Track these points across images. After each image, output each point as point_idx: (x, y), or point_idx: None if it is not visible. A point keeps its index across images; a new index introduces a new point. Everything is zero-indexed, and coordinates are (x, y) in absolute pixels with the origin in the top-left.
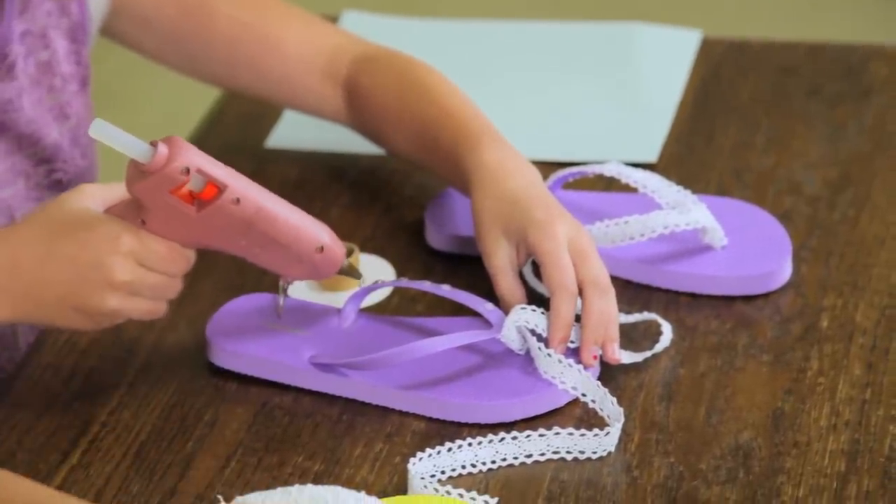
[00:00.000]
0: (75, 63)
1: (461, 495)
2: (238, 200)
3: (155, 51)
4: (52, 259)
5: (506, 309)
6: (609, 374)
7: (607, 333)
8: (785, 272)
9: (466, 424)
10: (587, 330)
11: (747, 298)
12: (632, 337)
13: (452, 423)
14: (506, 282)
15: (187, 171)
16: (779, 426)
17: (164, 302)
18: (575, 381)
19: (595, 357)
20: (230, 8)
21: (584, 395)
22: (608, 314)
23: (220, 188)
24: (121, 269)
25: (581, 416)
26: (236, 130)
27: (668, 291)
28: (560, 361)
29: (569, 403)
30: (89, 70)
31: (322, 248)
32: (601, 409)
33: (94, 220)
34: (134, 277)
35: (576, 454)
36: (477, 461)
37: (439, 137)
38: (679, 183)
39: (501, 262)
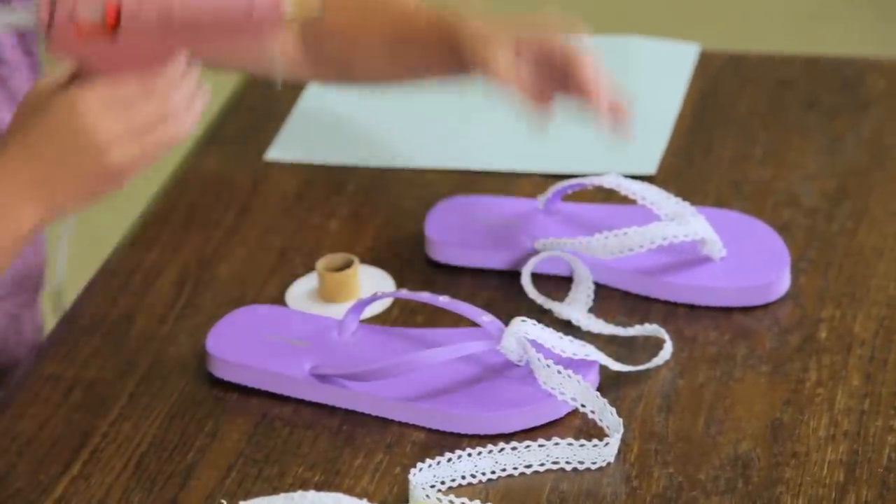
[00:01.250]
0: (24, 54)
1: None
2: (140, 3)
3: None
4: (39, 148)
5: (524, 91)
6: (608, 385)
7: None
8: (783, 283)
9: (466, 435)
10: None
11: (746, 309)
12: (632, 348)
13: (452, 433)
14: (518, 75)
15: (74, 7)
16: (777, 437)
17: (177, 122)
18: (574, 391)
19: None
20: None
21: (583, 405)
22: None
23: (115, 3)
24: (102, 126)
25: (580, 426)
26: (235, 143)
27: (666, 303)
28: (559, 372)
29: (568, 414)
30: (36, 59)
31: (251, 5)
32: (600, 420)
33: (49, 95)
34: (117, 121)
35: (575, 465)
36: (477, 472)
37: (417, 36)
38: (678, 195)
39: (506, 62)
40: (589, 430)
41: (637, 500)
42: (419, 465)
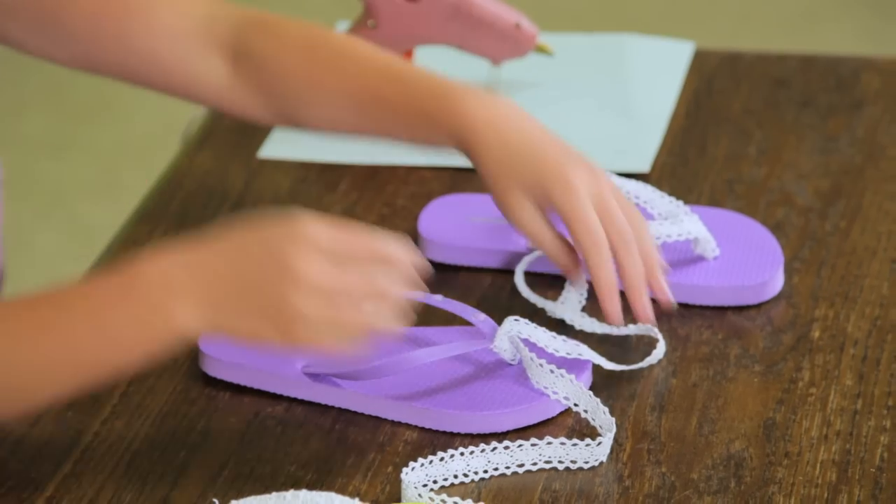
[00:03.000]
0: None
1: None
2: None
3: (22, 39)
4: (238, 257)
5: (555, 257)
6: (601, 384)
7: (651, 280)
8: (777, 283)
9: (459, 434)
10: (628, 291)
11: (739, 309)
12: (625, 348)
13: (444, 432)
14: (544, 236)
15: None
16: (770, 436)
17: (365, 322)
18: (567, 391)
19: (649, 308)
20: None
21: (576, 405)
22: (643, 263)
23: None
24: (307, 266)
25: (573, 426)
26: (229, 141)
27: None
28: (552, 372)
29: (561, 413)
30: None
31: (518, 25)
32: (593, 419)
33: (283, 217)
34: (318, 268)
35: (568, 464)
36: (469, 470)
37: (391, 98)
38: (671, 194)
39: (531, 221)
40: (581, 429)
41: (629, 500)
42: (411, 464)
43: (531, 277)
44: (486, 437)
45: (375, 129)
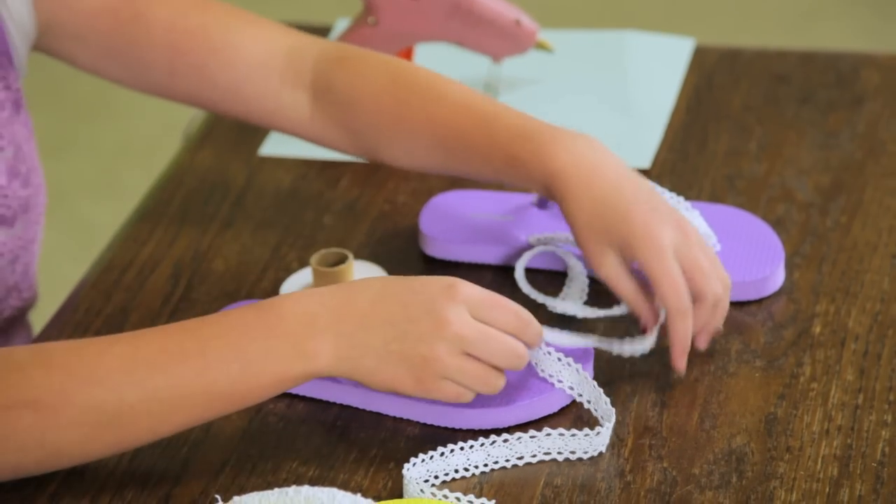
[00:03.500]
0: (3, 89)
1: (458, 499)
2: None
3: (91, 65)
4: (383, 300)
5: (636, 310)
6: (603, 378)
7: (713, 328)
8: (778, 278)
9: (461, 430)
10: (688, 337)
11: (740, 304)
12: (631, 332)
13: (446, 428)
14: (626, 289)
15: None
16: (772, 431)
17: (496, 381)
18: (572, 379)
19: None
20: (169, 15)
21: (580, 395)
22: (715, 321)
23: None
24: (454, 316)
25: (573, 419)
26: (230, 139)
27: None
28: (559, 360)
29: (561, 408)
30: (21, 94)
31: (518, 22)
32: (595, 410)
33: (431, 276)
34: (468, 329)
35: (567, 455)
36: (469, 465)
37: (478, 140)
38: (672, 189)
39: (614, 272)
40: (580, 422)
41: (631, 495)
42: (413, 460)
43: (532, 273)
44: (486, 431)
45: (461, 169)
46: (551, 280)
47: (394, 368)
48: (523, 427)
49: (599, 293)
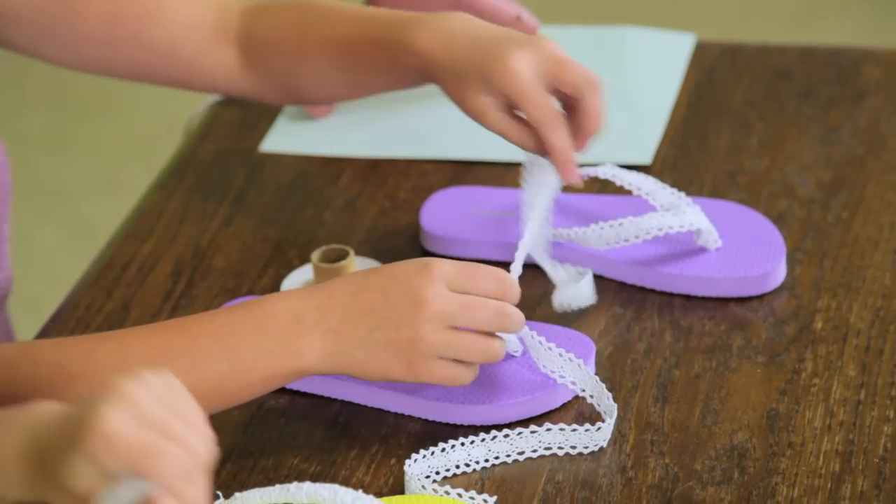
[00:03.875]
0: None
1: (459, 495)
2: None
3: (28, 45)
4: (363, 291)
5: (523, 144)
6: (604, 374)
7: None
8: (779, 274)
9: (462, 425)
10: (587, 127)
11: (742, 300)
12: (626, 338)
13: (448, 425)
14: (507, 128)
15: None
16: (773, 427)
17: (490, 345)
18: (574, 375)
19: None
20: None
21: (583, 390)
22: (602, 108)
23: None
24: (432, 293)
25: (574, 414)
26: (230, 135)
27: (662, 293)
28: (560, 356)
29: (562, 404)
30: None
31: (519, 18)
32: (598, 405)
33: (408, 259)
34: (447, 303)
35: (567, 449)
36: (471, 460)
37: (364, 49)
38: (673, 185)
39: (495, 118)
40: (582, 417)
41: (633, 491)
42: (414, 455)
43: (532, 270)
44: (487, 426)
45: (365, 85)
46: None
47: (382, 356)
48: (524, 422)
49: (601, 289)
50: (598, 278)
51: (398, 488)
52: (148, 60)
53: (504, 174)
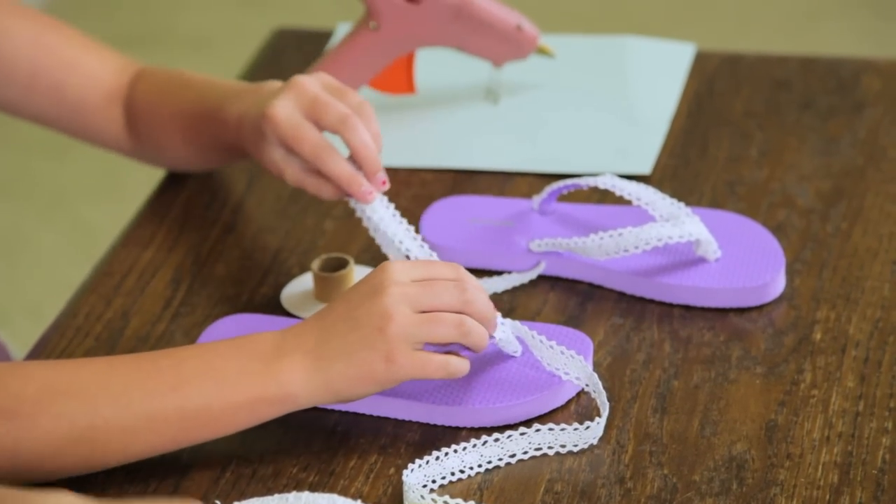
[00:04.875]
0: None
1: None
2: None
3: None
4: (331, 309)
5: (344, 188)
6: (603, 384)
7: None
8: (778, 284)
9: (460, 434)
10: (359, 162)
11: (741, 310)
12: (625, 348)
13: (446, 434)
14: (309, 184)
15: None
16: (772, 438)
17: (460, 320)
18: (578, 371)
19: (384, 182)
20: (32, 31)
21: (586, 385)
22: (371, 137)
23: None
24: (392, 284)
25: (566, 414)
26: None
27: (661, 303)
28: (563, 353)
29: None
30: None
31: (520, 27)
32: (601, 402)
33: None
34: (408, 286)
35: (557, 448)
36: (465, 466)
37: (199, 117)
38: (673, 195)
39: (291, 172)
40: (573, 416)
41: (631, 501)
42: (410, 465)
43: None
44: (477, 433)
45: (208, 158)
46: (553, 285)
47: (360, 357)
48: (513, 426)
49: (600, 299)
50: (598, 288)
51: (397, 498)
52: (58, 111)
53: (504, 184)
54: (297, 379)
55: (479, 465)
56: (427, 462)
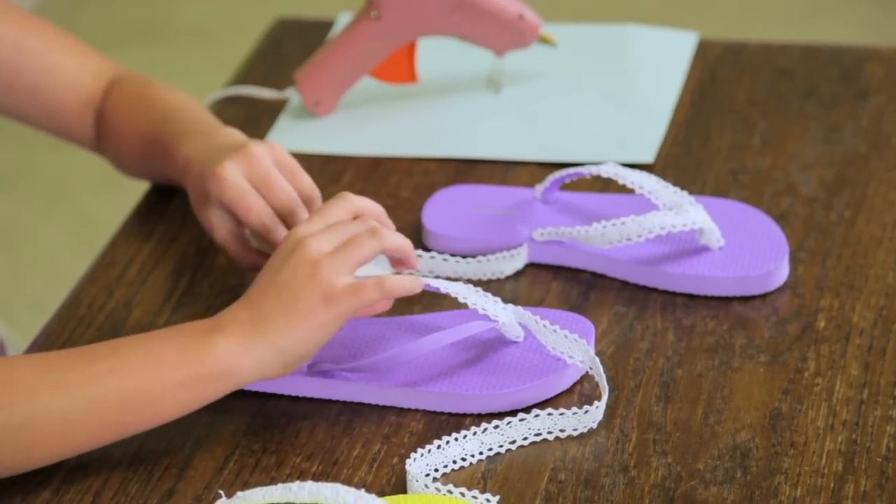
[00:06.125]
0: None
1: (462, 494)
2: None
3: None
4: (257, 282)
5: (243, 264)
6: (607, 373)
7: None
8: (782, 273)
9: (463, 421)
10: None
11: (744, 299)
12: (628, 338)
13: (449, 422)
14: (233, 250)
15: None
16: (776, 426)
17: (370, 230)
18: (582, 354)
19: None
20: (15, 33)
21: (590, 368)
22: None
23: None
24: (303, 228)
25: (568, 402)
26: None
27: (665, 292)
28: (566, 337)
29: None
30: None
31: (522, 16)
32: (602, 386)
33: None
34: (317, 224)
35: (557, 433)
36: (466, 454)
37: (153, 143)
38: (676, 184)
39: (221, 232)
40: (572, 401)
41: (635, 490)
42: (413, 455)
43: (535, 268)
44: (476, 420)
45: (162, 180)
46: (556, 275)
47: (298, 307)
48: (512, 412)
49: (603, 288)
50: (601, 277)
51: (400, 487)
52: (37, 112)
53: (507, 173)
54: (237, 350)
55: (481, 453)
56: (429, 451)
